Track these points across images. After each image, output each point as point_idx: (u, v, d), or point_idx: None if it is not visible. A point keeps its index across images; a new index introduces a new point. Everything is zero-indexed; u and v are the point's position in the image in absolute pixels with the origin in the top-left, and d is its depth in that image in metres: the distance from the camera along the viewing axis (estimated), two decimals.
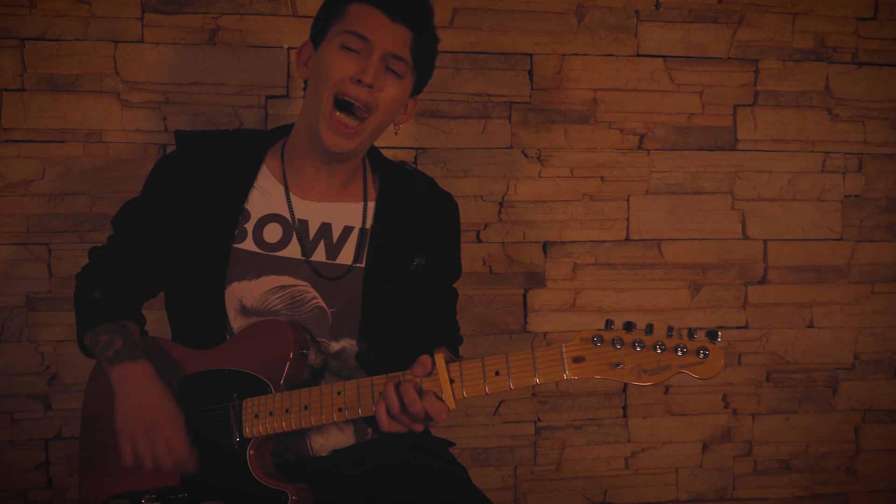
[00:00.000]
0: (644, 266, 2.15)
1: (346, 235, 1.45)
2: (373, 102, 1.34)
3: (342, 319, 1.44)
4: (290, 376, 1.36)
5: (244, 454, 1.33)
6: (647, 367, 1.15)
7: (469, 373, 1.24)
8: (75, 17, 1.88)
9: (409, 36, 1.36)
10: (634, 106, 2.11)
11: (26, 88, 1.88)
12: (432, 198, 1.52)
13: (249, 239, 1.41)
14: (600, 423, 2.18)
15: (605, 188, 2.12)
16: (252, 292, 1.40)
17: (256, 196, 1.43)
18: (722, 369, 1.15)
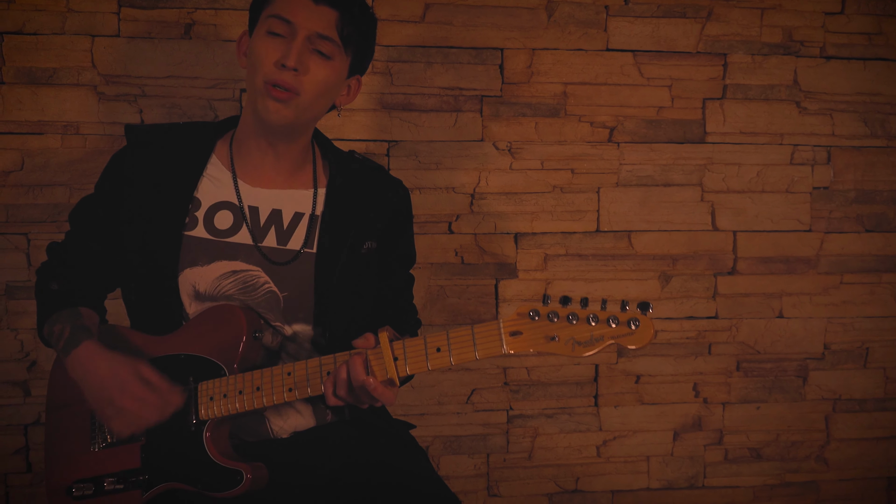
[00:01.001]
0: (614, 257, 2.19)
1: (296, 221, 1.48)
2: (298, 85, 1.36)
3: (295, 304, 1.47)
4: (245, 359, 1.39)
5: (200, 436, 1.36)
6: (581, 339, 1.17)
7: (412, 350, 1.27)
8: (53, 12, 1.93)
9: (334, 16, 1.37)
10: (604, 99, 2.14)
11: (5, 81, 1.93)
12: (381, 184, 1.56)
13: (200, 226, 1.44)
14: (572, 412, 2.21)
15: (576, 180, 2.16)
16: (204, 277, 1.43)
17: (206, 184, 1.46)
18: (652, 338, 1.17)
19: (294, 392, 1.34)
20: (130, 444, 1.39)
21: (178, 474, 1.37)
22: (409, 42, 2.06)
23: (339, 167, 1.53)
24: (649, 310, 1.17)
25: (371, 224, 1.51)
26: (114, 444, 1.41)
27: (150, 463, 1.38)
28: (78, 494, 1.41)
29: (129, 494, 1.39)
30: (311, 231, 1.47)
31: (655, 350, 2.22)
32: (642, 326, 1.17)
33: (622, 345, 1.17)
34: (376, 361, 1.28)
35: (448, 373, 2.15)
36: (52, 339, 1.43)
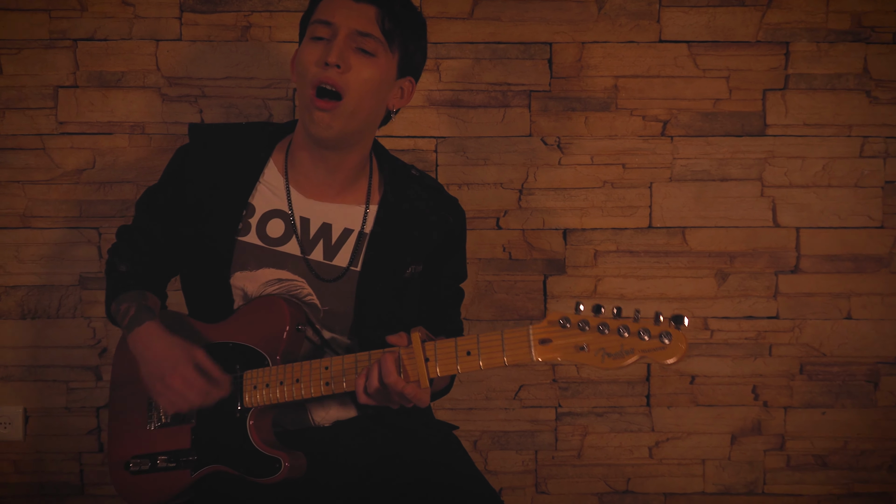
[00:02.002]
0: (668, 254, 2.13)
1: (344, 238, 1.48)
2: (343, 83, 1.35)
3: (334, 318, 1.49)
4: (287, 351, 1.43)
5: (244, 422, 1.42)
6: (611, 350, 1.15)
7: (443, 352, 1.27)
8: (121, 19, 2.05)
9: (374, 11, 1.37)
10: (657, 92, 2.09)
11: (78, 85, 2.06)
12: (434, 207, 1.54)
13: (253, 232, 1.47)
14: (622, 412, 2.17)
15: (627, 175, 2.12)
16: (252, 282, 1.47)
17: (262, 191, 1.49)
18: (684, 355, 1.12)
19: (330, 386, 1.36)
20: (182, 425, 1.47)
21: (223, 458, 1.43)
22: (457, 39, 2.07)
23: (393, 184, 1.52)
24: (683, 324, 1.12)
25: (419, 247, 1.51)
26: (167, 423, 1.49)
27: (200, 445, 1.45)
28: (135, 469, 1.50)
29: (179, 473, 1.46)
30: (357, 249, 1.48)
31: (712, 350, 2.16)
32: (674, 341, 1.12)
33: (653, 359, 1.13)
34: (408, 361, 1.29)
35: (496, 368, 2.15)
36: (118, 317, 1.51)
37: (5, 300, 2.10)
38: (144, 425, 1.51)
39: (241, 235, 1.47)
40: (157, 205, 1.56)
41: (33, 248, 2.09)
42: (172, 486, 1.46)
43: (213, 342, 1.48)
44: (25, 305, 2.10)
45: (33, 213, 2.09)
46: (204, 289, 1.53)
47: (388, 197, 1.50)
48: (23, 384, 2.13)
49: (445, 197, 1.58)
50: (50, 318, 2.11)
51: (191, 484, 1.45)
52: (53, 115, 2.07)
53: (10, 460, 2.14)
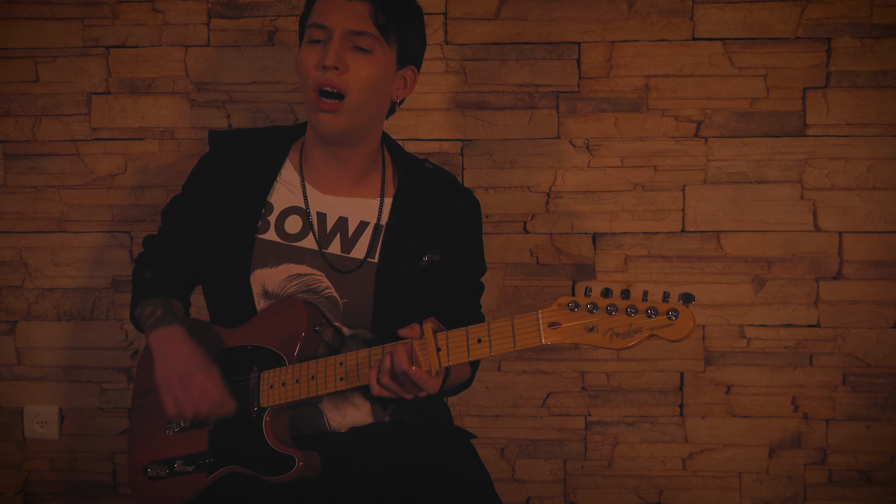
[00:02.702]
0: (701, 259, 2.06)
1: (360, 230, 1.50)
2: (343, 84, 1.37)
3: (354, 310, 1.50)
4: (304, 351, 1.44)
5: (260, 422, 1.43)
6: (620, 330, 1.15)
7: (454, 341, 1.28)
8: (151, 26, 2.08)
9: (367, 7, 1.37)
10: (690, 92, 2.03)
11: (111, 91, 2.10)
12: (448, 195, 1.55)
13: (272, 230, 1.50)
14: (654, 421, 2.11)
15: (659, 178, 2.05)
16: (273, 278, 1.49)
17: (280, 189, 1.52)
18: (691, 331, 1.12)
19: (345, 381, 1.37)
20: (200, 428, 1.48)
21: (238, 458, 1.44)
22: (483, 40, 2.04)
23: (407, 176, 1.54)
24: (692, 301, 1.13)
25: (434, 236, 1.51)
26: (186, 427, 1.50)
27: (216, 447, 1.46)
28: (153, 475, 1.51)
29: (195, 476, 1.47)
30: (374, 241, 1.50)
31: (749, 359, 2.08)
32: (681, 318, 1.12)
33: (661, 337, 1.13)
34: (421, 351, 1.29)
35: (523, 375, 2.12)
36: (143, 319, 1.54)
37: (42, 302, 2.16)
38: (163, 431, 1.52)
39: (260, 233, 1.50)
40: (181, 212, 1.59)
41: (68, 252, 2.14)
42: (188, 490, 1.47)
43: (233, 346, 1.50)
44: (61, 307, 2.15)
45: (68, 218, 2.13)
46: (224, 288, 1.55)
47: (402, 189, 1.52)
48: (58, 384, 2.18)
49: (459, 187, 1.58)
50: (84, 321, 2.15)
51: (207, 487, 1.46)
52: (87, 121, 2.11)
53: (46, 458, 2.20)
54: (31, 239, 2.14)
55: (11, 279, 2.15)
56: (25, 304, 2.16)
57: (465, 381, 1.60)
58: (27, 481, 2.21)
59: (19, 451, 2.20)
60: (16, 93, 2.10)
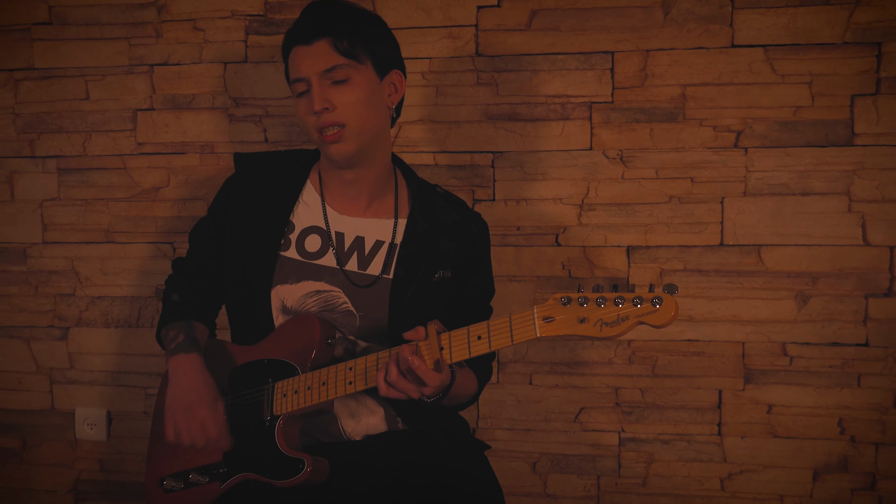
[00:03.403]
0: (741, 274, 1.99)
1: (376, 249, 1.56)
2: (338, 118, 1.45)
3: (370, 324, 1.55)
4: (317, 361, 1.49)
5: (273, 429, 1.47)
6: (608, 319, 1.22)
7: (456, 340, 1.34)
8: (192, 43, 2.14)
9: (327, 44, 1.44)
10: (729, 101, 1.96)
11: (154, 108, 2.17)
12: (459, 217, 1.62)
13: (293, 248, 1.56)
14: (691, 440, 2.05)
15: (696, 190, 1.99)
16: (292, 294, 1.55)
17: (301, 209, 1.59)
18: (675, 316, 1.18)
19: (353, 385, 1.42)
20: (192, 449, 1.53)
21: (251, 465, 1.48)
22: (514, 51, 2.02)
23: (420, 199, 1.60)
24: (675, 291, 1.19)
25: (446, 254, 1.58)
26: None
27: (230, 457, 1.50)
28: (168, 487, 1.56)
29: (209, 486, 1.52)
30: (389, 259, 1.56)
31: (791, 378, 1.99)
32: (665, 304, 1.18)
33: (647, 322, 1.19)
34: (426, 351, 1.34)
35: (555, 389, 2.09)
36: (166, 341, 1.60)
37: (91, 310, 2.25)
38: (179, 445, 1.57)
39: (282, 251, 1.56)
40: (209, 234, 1.65)
41: (115, 262, 2.22)
42: (202, 500, 1.52)
43: (248, 361, 1.54)
44: (109, 315, 2.24)
45: (116, 229, 2.22)
46: (245, 304, 1.60)
47: (415, 211, 1.58)
48: (106, 388, 2.27)
49: (468, 211, 1.66)
50: (130, 328, 2.24)
51: (219, 496, 1.50)
52: (133, 136, 2.19)
53: (95, 459, 2.29)
54: (81, 249, 2.24)
55: (64, 287, 2.25)
56: (77, 311, 2.26)
57: (472, 396, 1.63)
58: (78, 480, 2.31)
59: (71, 452, 2.31)
60: (68, 110, 2.20)
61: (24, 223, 2.26)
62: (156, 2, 2.14)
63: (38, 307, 2.27)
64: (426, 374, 1.32)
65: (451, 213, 1.61)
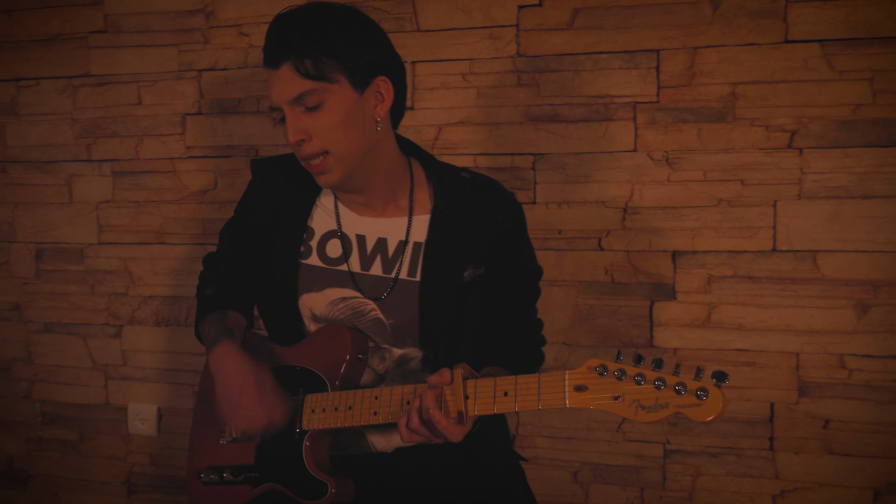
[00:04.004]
0: (795, 281, 1.89)
1: (400, 250, 1.47)
2: (317, 147, 1.35)
3: (402, 331, 1.48)
4: (347, 378, 1.45)
5: (301, 444, 1.45)
6: (646, 403, 1.11)
7: (482, 391, 1.25)
8: (237, 49, 2.18)
9: (291, 67, 1.31)
10: (783, 99, 1.86)
11: (202, 112, 2.22)
12: (485, 205, 1.48)
13: (314, 254, 1.50)
14: (740, 454, 1.96)
15: (746, 193, 1.90)
16: (319, 303, 1.50)
17: (319, 213, 1.51)
18: (720, 414, 1.06)
19: (378, 416, 1.36)
20: (248, 442, 1.53)
21: (279, 477, 1.47)
22: (556, 51, 1.98)
23: (443, 191, 1.49)
24: (725, 381, 1.07)
25: (473, 249, 1.46)
26: (237, 439, 1.56)
27: (261, 462, 1.50)
28: (206, 480, 1.58)
29: (242, 487, 1.52)
30: (414, 259, 1.46)
31: (849, 392, 1.88)
32: (711, 398, 1.06)
33: (687, 416, 1.09)
34: (451, 397, 1.26)
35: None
36: (203, 337, 1.60)
37: (144, 308, 2.32)
38: (217, 439, 1.58)
39: (303, 258, 1.50)
40: (234, 235, 1.64)
41: (166, 262, 2.28)
42: (234, 500, 1.53)
43: (283, 364, 1.53)
44: (160, 314, 2.30)
45: (166, 231, 2.28)
46: (275, 313, 1.58)
47: (438, 204, 1.47)
48: (157, 385, 2.33)
49: (495, 195, 1.50)
50: (179, 326, 2.29)
51: (251, 500, 1.50)
52: (182, 140, 2.24)
53: (146, 453, 2.36)
54: (134, 250, 2.31)
55: (118, 287, 2.33)
56: (129, 309, 2.33)
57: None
58: (130, 473, 2.39)
59: (125, 445, 2.38)
60: (122, 115, 2.27)
61: (81, 224, 2.34)
62: (204, 8, 2.19)
63: (93, 305, 2.36)
64: (447, 429, 1.24)
65: (477, 202, 1.47)
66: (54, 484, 2.45)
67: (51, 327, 2.40)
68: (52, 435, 2.44)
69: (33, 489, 2.47)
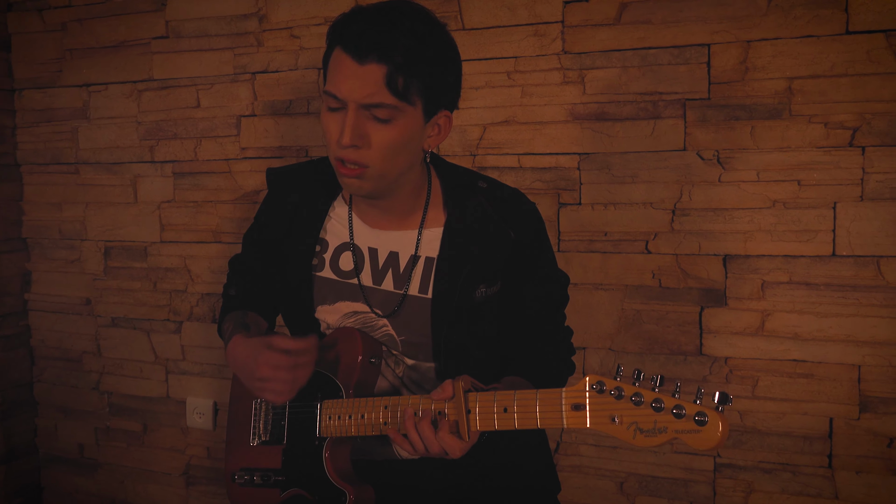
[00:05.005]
0: (856, 288, 1.77)
1: (412, 265, 1.43)
2: (363, 158, 1.27)
3: (413, 346, 1.45)
4: (360, 382, 1.43)
5: (321, 451, 1.44)
6: (644, 426, 1.04)
7: (483, 405, 1.21)
8: (289, 51, 2.22)
9: (382, 73, 1.21)
10: (843, 95, 1.74)
11: (256, 114, 2.27)
12: (497, 223, 1.42)
13: (327, 267, 1.47)
14: (796, 471, 1.85)
15: (804, 194, 1.80)
16: (332, 315, 1.47)
17: (333, 225, 1.48)
18: (720, 442, 0.99)
19: (388, 426, 1.34)
20: (275, 445, 1.54)
21: (303, 482, 1.48)
22: (602, 47, 1.92)
23: (457, 204, 1.43)
24: (727, 403, 1.00)
25: (486, 267, 1.41)
26: (266, 442, 1.56)
27: (287, 466, 1.51)
28: (239, 481, 1.61)
29: (271, 491, 1.53)
30: (426, 275, 1.41)
31: None
32: (710, 425, 0.99)
33: (686, 443, 1.02)
34: (453, 411, 1.24)
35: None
36: (223, 334, 1.62)
37: (201, 305, 2.39)
38: (248, 441, 1.61)
39: (317, 271, 1.47)
40: (253, 243, 1.64)
41: (222, 261, 2.35)
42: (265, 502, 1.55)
43: None
44: (216, 311, 2.37)
45: (222, 230, 2.35)
46: (296, 322, 1.58)
47: (452, 218, 1.41)
48: (214, 380, 2.40)
49: (511, 210, 1.43)
50: None
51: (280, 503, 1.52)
52: (237, 141, 2.30)
53: (203, 446, 2.44)
54: (193, 248, 2.38)
55: (178, 284, 2.41)
56: (188, 306, 2.41)
57: None
58: (189, 465, 2.47)
59: (184, 438, 2.46)
60: (182, 118, 2.35)
61: (145, 223, 2.44)
62: (257, 12, 2.24)
63: (156, 301, 2.45)
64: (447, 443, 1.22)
65: (491, 217, 1.40)
66: (120, 472, 2.57)
67: (117, 322, 2.51)
68: (119, 425, 2.55)
69: (101, 477, 2.59)
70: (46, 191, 2.56)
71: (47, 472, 2.67)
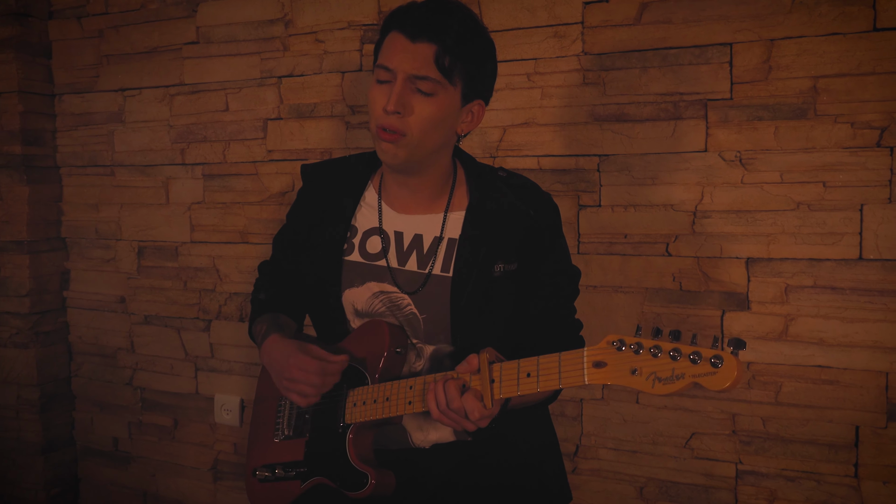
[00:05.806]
0: (884, 293, 1.72)
1: (435, 246, 1.52)
2: (404, 127, 1.39)
3: (434, 326, 1.52)
4: (386, 371, 1.49)
5: (345, 437, 1.50)
6: (662, 375, 1.09)
7: (507, 374, 1.28)
8: (313, 55, 2.25)
9: (432, 50, 1.36)
10: (871, 93, 1.70)
11: (281, 117, 2.31)
12: (516, 204, 1.50)
13: (356, 251, 1.57)
14: (821, 479, 1.81)
15: (829, 196, 1.75)
16: (360, 297, 1.56)
17: (363, 212, 1.58)
18: (736, 382, 1.03)
19: (413, 405, 1.40)
20: (299, 439, 1.59)
21: (326, 470, 1.52)
22: (622, 48, 1.90)
23: (479, 188, 1.53)
24: (742, 348, 1.05)
25: (505, 244, 1.49)
26: (289, 437, 1.62)
27: (310, 457, 1.56)
28: (261, 477, 1.65)
29: (292, 483, 1.58)
30: (448, 255, 1.51)
31: None
32: (725, 366, 1.03)
33: (703, 385, 1.05)
34: (478, 383, 1.30)
35: (664, 410, 1.94)
36: (257, 337, 1.69)
37: (229, 304, 2.44)
38: (272, 438, 1.65)
39: (346, 255, 1.57)
40: (284, 242, 1.72)
41: (249, 261, 2.39)
42: (285, 496, 1.58)
43: None
44: (244, 310, 2.42)
45: (249, 231, 2.39)
46: (322, 308, 1.64)
47: (474, 201, 1.51)
48: (241, 378, 2.45)
49: (530, 193, 1.54)
50: None
51: (300, 494, 1.55)
52: (263, 144, 2.34)
53: (230, 442, 2.48)
54: (222, 249, 2.43)
55: (207, 283, 2.46)
56: (217, 305, 2.46)
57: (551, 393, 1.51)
58: (216, 460, 2.52)
59: (212, 434, 2.51)
60: (211, 121, 2.40)
61: (176, 224, 2.50)
62: (283, 17, 2.27)
63: (186, 300, 2.51)
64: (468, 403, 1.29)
65: (510, 198, 1.51)
66: (152, 466, 2.63)
67: (150, 319, 2.58)
68: (151, 420, 2.61)
69: (134, 470, 2.66)
70: (84, 192, 2.64)
71: (84, 464, 2.75)
